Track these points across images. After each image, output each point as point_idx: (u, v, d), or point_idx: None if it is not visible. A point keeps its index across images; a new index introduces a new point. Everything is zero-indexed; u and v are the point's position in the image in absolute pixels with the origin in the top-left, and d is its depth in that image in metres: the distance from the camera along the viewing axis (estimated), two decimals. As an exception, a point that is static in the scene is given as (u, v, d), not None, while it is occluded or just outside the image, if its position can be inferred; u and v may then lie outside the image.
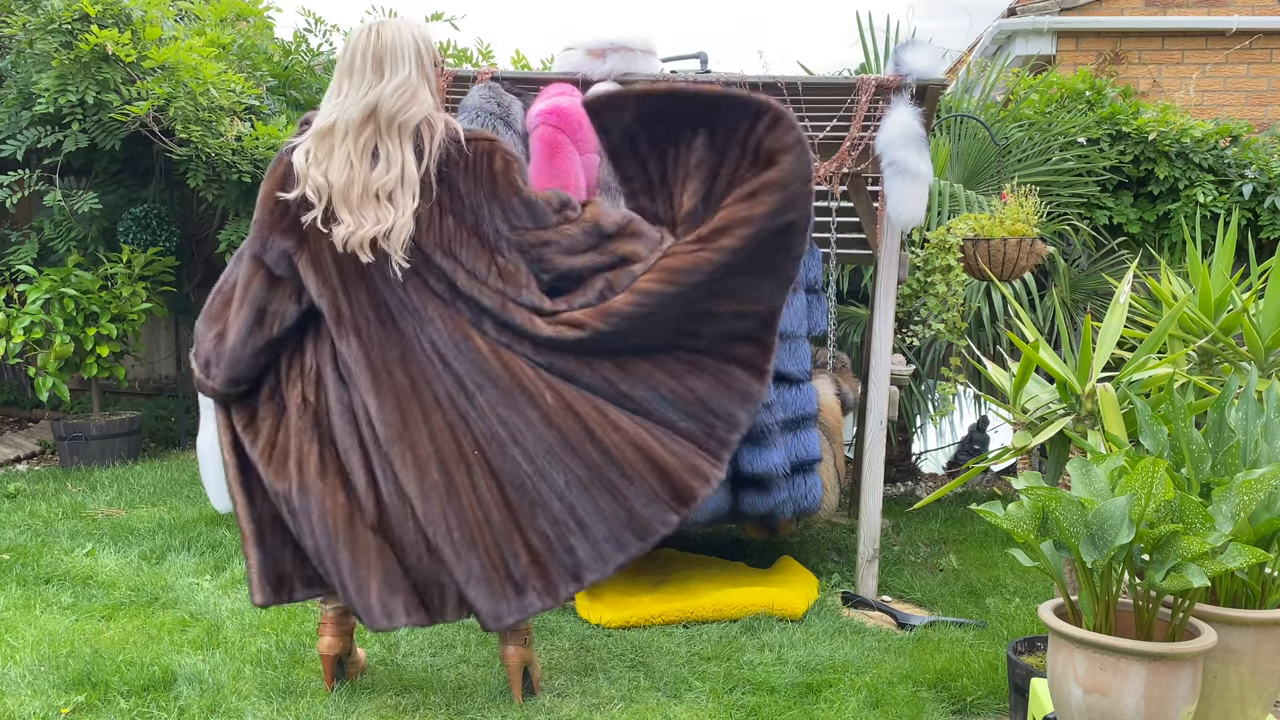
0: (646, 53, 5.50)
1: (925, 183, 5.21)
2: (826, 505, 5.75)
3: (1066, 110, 8.77)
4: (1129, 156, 8.51)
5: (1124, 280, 4.56)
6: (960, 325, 6.56)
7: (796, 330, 5.61)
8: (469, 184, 3.81)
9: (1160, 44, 11.98)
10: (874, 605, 5.35)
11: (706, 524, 5.55)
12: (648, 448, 3.86)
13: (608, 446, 3.83)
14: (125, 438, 8.50)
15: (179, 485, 7.61)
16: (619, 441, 3.84)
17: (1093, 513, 3.03)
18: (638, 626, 4.98)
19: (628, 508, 3.85)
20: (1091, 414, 4.18)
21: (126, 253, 8.47)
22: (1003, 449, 4.43)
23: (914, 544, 6.62)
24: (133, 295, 8.37)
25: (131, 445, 8.57)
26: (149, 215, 8.56)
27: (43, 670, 4.23)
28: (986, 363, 4.72)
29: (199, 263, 9.68)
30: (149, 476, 7.86)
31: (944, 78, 5.42)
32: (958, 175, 8.29)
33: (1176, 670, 2.95)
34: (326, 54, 9.42)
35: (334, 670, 4.14)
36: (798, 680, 4.32)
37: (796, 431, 5.56)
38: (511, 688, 4.08)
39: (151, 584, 5.32)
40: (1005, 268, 6.03)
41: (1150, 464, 2.95)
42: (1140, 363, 4.27)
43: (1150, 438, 3.56)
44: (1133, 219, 8.52)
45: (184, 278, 9.54)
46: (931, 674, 4.38)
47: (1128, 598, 3.33)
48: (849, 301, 8.37)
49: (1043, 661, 3.91)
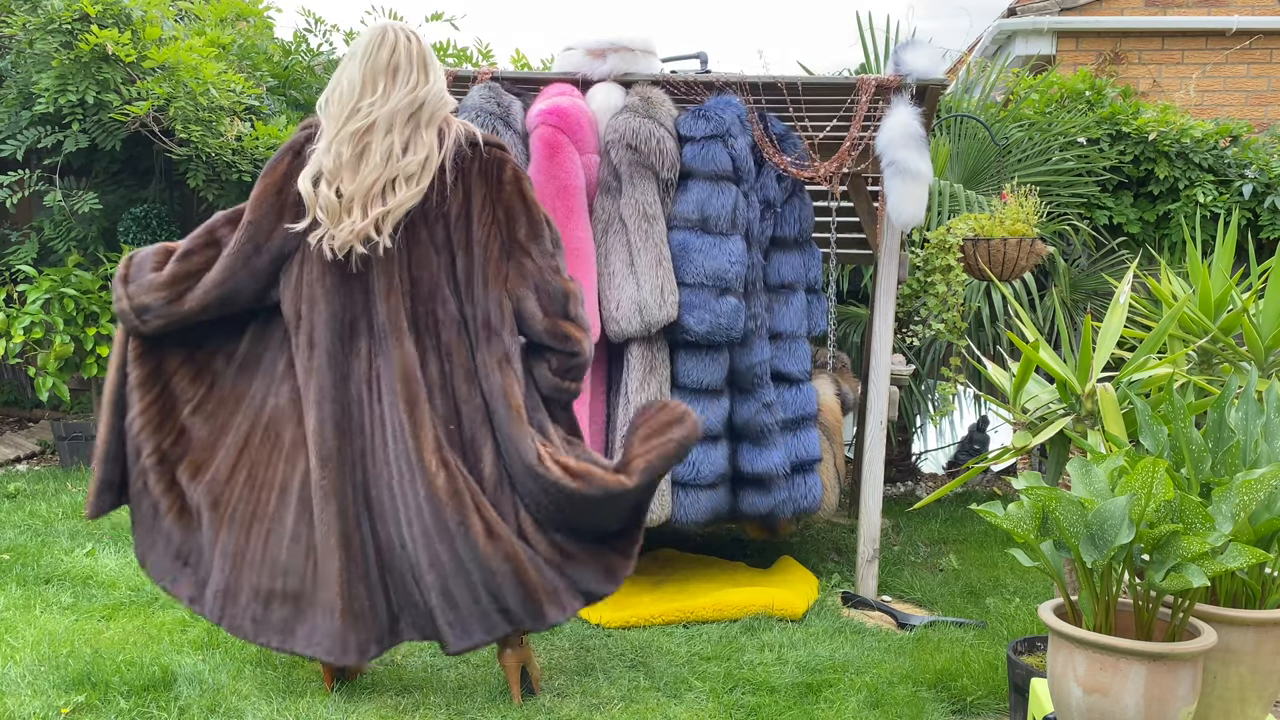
0: (646, 53, 5.51)
1: (925, 183, 5.22)
2: (826, 505, 5.76)
3: (1066, 110, 8.78)
4: (1129, 156, 8.51)
5: (1124, 280, 4.56)
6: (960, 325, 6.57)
7: (796, 330, 5.62)
8: (479, 185, 3.86)
9: (1160, 44, 11.98)
10: (874, 605, 5.35)
11: (706, 524, 5.54)
12: (517, 561, 3.87)
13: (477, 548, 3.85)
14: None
15: (179, 485, 7.59)
16: (489, 549, 3.85)
17: (1093, 513, 3.03)
18: (638, 626, 4.97)
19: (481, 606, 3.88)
20: (1091, 414, 4.18)
21: (127, 253, 8.44)
22: (1003, 449, 4.43)
23: (914, 544, 6.62)
24: (133, 295, 8.36)
25: (131, 445, 8.54)
26: (149, 215, 8.55)
27: (43, 670, 4.22)
28: (986, 363, 4.73)
29: (199, 263, 9.66)
30: (149, 476, 7.84)
31: (944, 78, 5.42)
32: (958, 175, 8.29)
33: (1176, 670, 2.95)
34: (326, 54, 9.41)
35: (334, 670, 4.14)
36: (798, 680, 4.32)
37: (796, 431, 5.57)
38: (510, 688, 4.08)
39: (151, 584, 5.31)
40: (1005, 268, 6.04)
41: (1150, 464, 2.95)
42: (1140, 363, 4.27)
43: (1150, 438, 3.56)
44: (1133, 219, 8.52)
45: (184, 278, 9.51)
46: (931, 674, 4.38)
47: (1128, 598, 3.33)
48: (849, 301, 8.37)
49: (1043, 661, 3.91)
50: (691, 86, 5.49)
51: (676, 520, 5.31)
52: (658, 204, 5.22)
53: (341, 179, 3.77)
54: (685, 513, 5.29)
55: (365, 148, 3.77)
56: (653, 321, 5.11)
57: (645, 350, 5.21)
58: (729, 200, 5.23)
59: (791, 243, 5.63)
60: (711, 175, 5.24)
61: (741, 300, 5.28)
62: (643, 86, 5.41)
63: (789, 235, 5.61)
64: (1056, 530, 3.16)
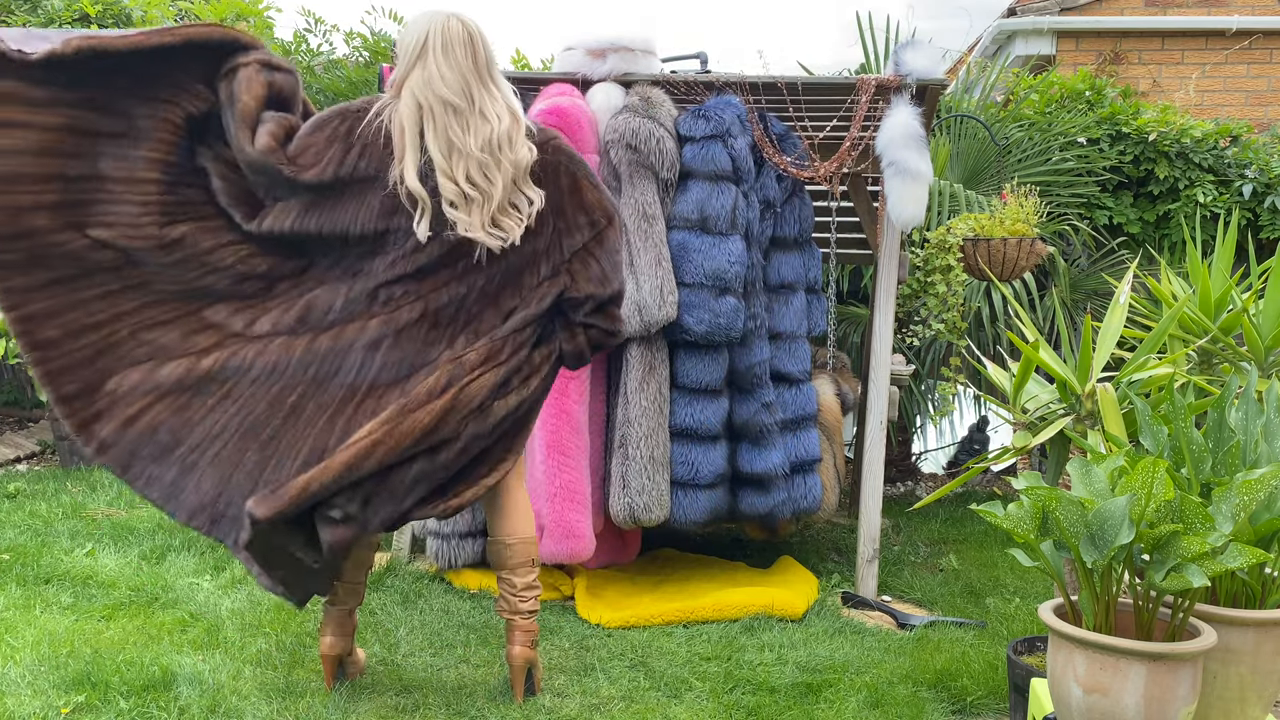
0: (647, 53, 5.51)
1: (925, 183, 5.22)
2: (826, 505, 5.76)
3: (1066, 110, 8.78)
4: (1129, 156, 8.52)
5: (1124, 280, 4.57)
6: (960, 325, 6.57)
7: (796, 330, 5.62)
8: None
9: (1160, 44, 11.99)
10: (874, 605, 5.35)
11: (705, 524, 5.55)
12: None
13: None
14: (125, 438, 8.46)
15: (179, 485, 7.59)
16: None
17: (1093, 513, 3.03)
18: (638, 626, 4.98)
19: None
20: (1091, 414, 4.18)
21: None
22: (1003, 449, 4.43)
23: (914, 544, 6.62)
24: (133, 294, 8.35)
25: (131, 445, 8.53)
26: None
27: (42, 670, 4.23)
28: (986, 363, 4.73)
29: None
30: (149, 476, 7.84)
31: (944, 78, 5.42)
32: (958, 175, 8.30)
33: (1176, 670, 2.95)
34: (326, 54, 9.41)
35: (334, 670, 4.14)
36: (798, 680, 4.32)
37: (796, 431, 5.57)
38: (513, 687, 4.08)
39: (151, 584, 5.32)
40: (1005, 268, 6.04)
41: (1150, 464, 2.95)
42: (1140, 363, 4.28)
43: (1150, 438, 3.56)
44: (1133, 219, 8.53)
45: (184, 277, 9.50)
46: (931, 674, 4.39)
47: (1128, 598, 3.33)
48: (849, 301, 8.38)
49: (1043, 661, 3.91)
50: (691, 86, 5.49)
51: (675, 520, 5.32)
52: (657, 204, 5.22)
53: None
54: (684, 513, 5.30)
55: (464, 124, 3.77)
56: (652, 321, 5.11)
57: (644, 350, 5.22)
58: (729, 200, 5.24)
59: (791, 243, 5.63)
60: (711, 175, 5.24)
61: (741, 300, 5.28)
62: (643, 86, 5.41)
63: (789, 235, 5.62)
64: (1056, 530, 3.16)
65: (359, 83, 9.06)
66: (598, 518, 5.36)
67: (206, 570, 5.57)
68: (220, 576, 5.47)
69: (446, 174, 3.69)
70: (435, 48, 3.74)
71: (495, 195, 3.73)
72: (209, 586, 5.33)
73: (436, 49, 3.74)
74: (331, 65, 9.32)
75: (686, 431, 5.31)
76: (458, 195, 3.70)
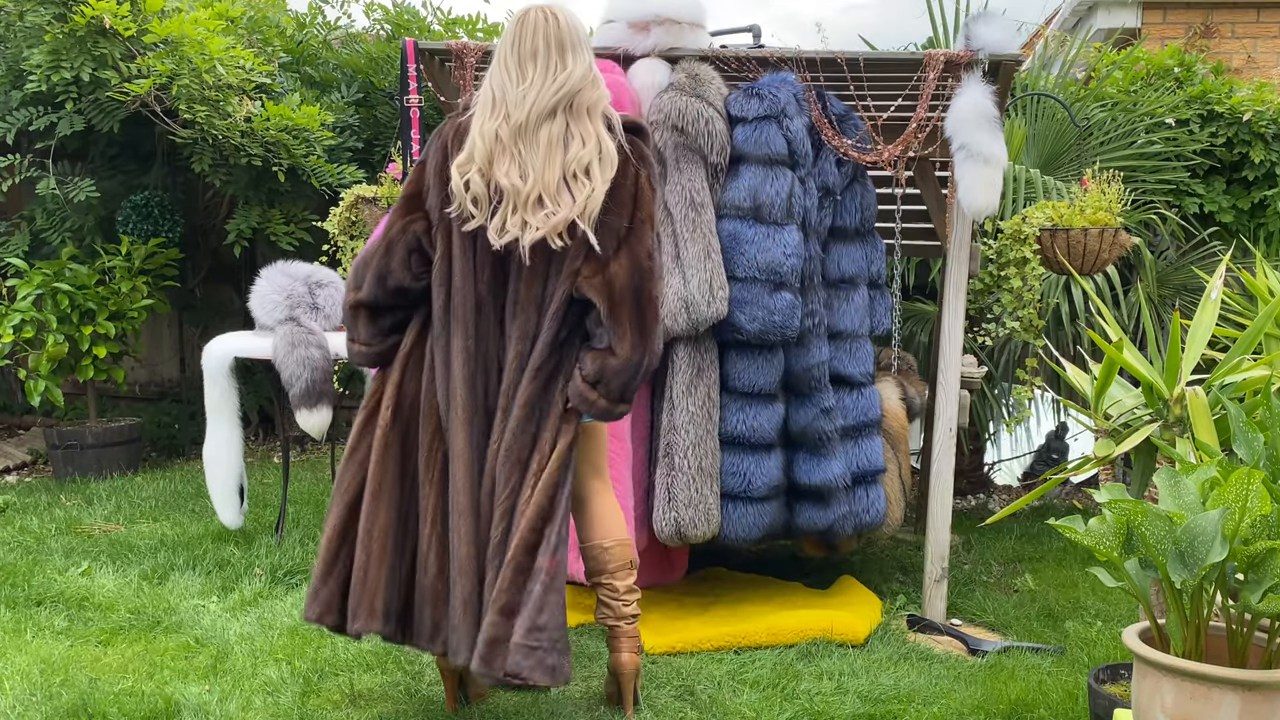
0: (694, 25, 5.51)
1: (999, 167, 5.23)
2: (890, 520, 5.76)
3: (1153, 88, 8.76)
4: (1221, 139, 8.49)
5: (1216, 274, 4.57)
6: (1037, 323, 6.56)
7: (857, 329, 5.62)
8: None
9: (1255, 16, 11.93)
10: (942, 629, 5.37)
11: (759, 541, 5.56)
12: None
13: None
14: (124, 446, 8.57)
15: (183, 498, 7.66)
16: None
17: (1182, 528, 3.05)
18: (685, 652, 5.01)
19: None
20: (1180, 420, 4.19)
21: (126, 244, 8.53)
22: (1083, 458, 4.44)
23: (986, 562, 6.63)
24: (132, 291, 8.44)
25: (131, 454, 8.65)
26: (150, 203, 8.63)
27: (34, 700, 4.28)
28: (1066, 364, 4.74)
29: (205, 255, 9.75)
30: (150, 489, 7.93)
31: (1019, 53, 5.43)
32: (1034, 159, 8.29)
33: (1274, 700, 2.97)
34: (344, 27, 9.46)
35: (455, 688, 4.26)
36: (859, 711, 4.34)
37: (858, 440, 5.57)
38: (623, 698, 4.22)
39: (153, 606, 5.37)
40: (1086, 260, 6.04)
41: (1245, 475, 2.97)
42: (1234, 364, 4.28)
43: (1245, 446, 3.57)
44: (1225, 207, 8.50)
45: (188, 271, 9.61)
46: (1005, 704, 4.40)
47: (1220, 621, 3.34)
48: (915, 297, 8.38)
49: (1127, 691, 3.93)
50: (743, 62, 5.52)
51: (725, 537, 5.34)
52: (706, 190, 5.24)
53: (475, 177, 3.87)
54: (735, 529, 5.32)
55: (530, 144, 3.86)
56: (700, 319, 5.13)
57: (692, 351, 5.24)
58: (784, 186, 5.25)
59: (852, 233, 5.65)
60: (765, 159, 5.26)
61: (797, 296, 5.29)
62: (690, 62, 5.43)
63: (850, 225, 5.63)
64: (1142, 547, 3.18)
65: (379, 58, 9.11)
66: (641, 534, 5.36)
67: (213, 591, 5.62)
68: (228, 598, 5.51)
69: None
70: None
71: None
72: (216, 609, 5.37)
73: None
74: (350, 39, 9.38)
75: (738, 439, 5.32)
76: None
